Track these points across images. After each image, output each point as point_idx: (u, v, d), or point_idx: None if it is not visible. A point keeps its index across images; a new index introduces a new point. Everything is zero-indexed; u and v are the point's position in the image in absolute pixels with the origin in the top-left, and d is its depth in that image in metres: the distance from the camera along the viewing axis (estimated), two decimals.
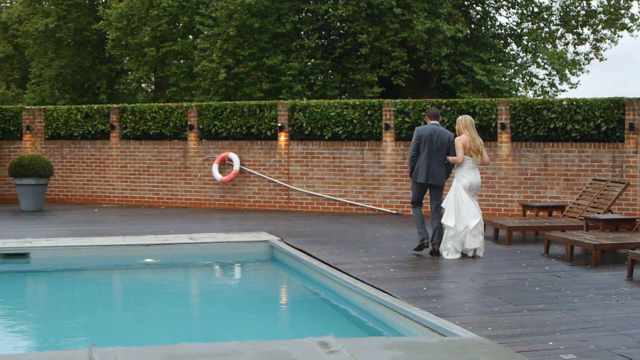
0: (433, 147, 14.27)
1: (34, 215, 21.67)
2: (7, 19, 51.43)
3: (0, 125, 25.07)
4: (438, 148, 14.27)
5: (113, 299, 13.60)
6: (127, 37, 39.24)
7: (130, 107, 24.49)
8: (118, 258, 15.65)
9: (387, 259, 13.90)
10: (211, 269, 16.03)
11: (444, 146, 14.29)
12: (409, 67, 33.46)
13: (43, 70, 47.79)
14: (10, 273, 15.06)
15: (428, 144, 14.28)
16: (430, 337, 8.92)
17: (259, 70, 33.60)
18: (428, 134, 14.33)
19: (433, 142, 14.27)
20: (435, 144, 14.27)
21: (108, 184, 24.46)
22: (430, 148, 14.27)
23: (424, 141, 14.31)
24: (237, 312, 12.30)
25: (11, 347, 10.23)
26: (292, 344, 7.83)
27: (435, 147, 14.26)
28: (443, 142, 14.29)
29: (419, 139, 14.35)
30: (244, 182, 22.86)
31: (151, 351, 7.53)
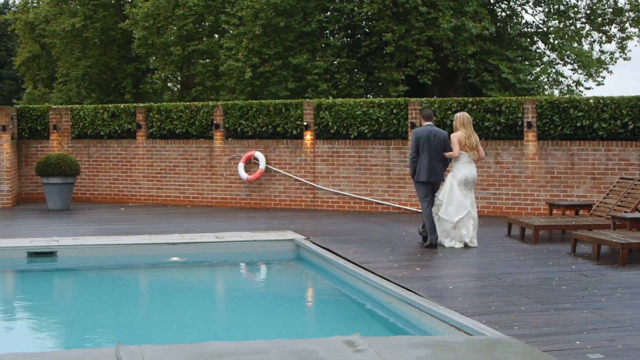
0: (431, 147, 15.12)
1: (61, 214, 21.76)
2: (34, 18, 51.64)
3: (27, 124, 25.18)
4: (436, 147, 15.14)
5: (139, 298, 13.64)
6: (153, 37, 39.36)
7: (157, 106, 24.55)
8: (144, 257, 15.69)
9: (413, 258, 13.89)
10: (237, 268, 16.04)
11: (441, 145, 15.19)
12: (435, 65, 33.40)
13: (70, 70, 48.00)
14: (37, 271, 15.13)
15: (426, 145, 15.13)
16: (456, 336, 8.90)
17: (284, 69, 33.63)
18: (425, 135, 15.18)
19: (430, 142, 15.14)
20: (432, 144, 15.13)
21: (134, 182, 24.53)
22: (429, 148, 15.12)
23: (422, 142, 15.16)
24: (263, 310, 12.30)
25: (39, 345, 10.28)
26: (319, 343, 7.83)
27: (433, 146, 15.13)
28: (439, 141, 15.18)
29: (417, 141, 15.19)
30: (269, 181, 22.88)
31: (177, 349, 7.55)
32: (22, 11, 56.26)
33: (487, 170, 20.66)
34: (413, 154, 15.23)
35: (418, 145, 15.17)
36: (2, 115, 23.46)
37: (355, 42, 37.20)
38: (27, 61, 54.43)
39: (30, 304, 13.07)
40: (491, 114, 20.71)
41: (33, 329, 11.35)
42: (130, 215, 21.46)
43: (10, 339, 10.59)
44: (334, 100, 22.73)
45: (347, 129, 22.12)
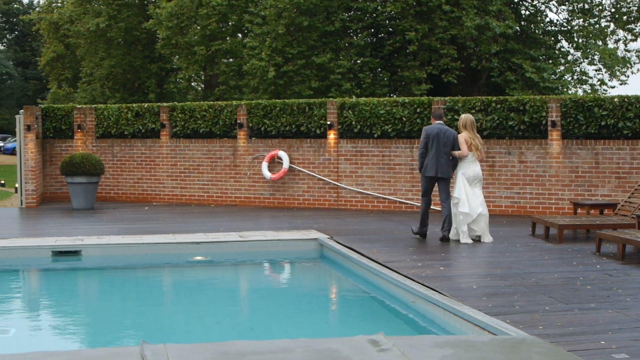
0: (440, 144, 15.82)
1: (85, 213, 21.84)
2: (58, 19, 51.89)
3: (52, 124, 25.29)
4: (445, 145, 15.83)
5: (163, 297, 13.68)
6: (176, 36, 39.47)
7: (180, 105, 24.61)
8: (168, 256, 15.74)
9: (437, 257, 13.87)
10: (261, 267, 16.06)
11: (450, 143, 15.86)
12: (459, 64, 33.36)
13: (94, 70, 48.21)
14: (62, 271, 15.19)
15: (436, 142, 15.83)
16: (480, 335, 8.88)
17: (307, 69, 33.66)
18: (435, 132, 15.87)
19: (440, 139, 15.81)
20: (442, 141, 15.82)
21: (158, 182, 24.60)
22: (438, 145, 15.82)
23: (432, 139, 15.85)
24: (286, 310, 12.32)
25: (64, 343, 10.33)
26: (343, 342, 7.83)
27: (442, 144, 15.82)
28: (449, 139, 15.86)
29: (427, 138, 15.90)
30: (293, 180, 22.90)
31: (202, 348, 7.56)
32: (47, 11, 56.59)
33: (511, 169, 20.61)
34: (422, 150, 15.96)
35: (428, 142, 15.89)
36: (27, 115, 23.58)
37: (379, 41, 37.21)
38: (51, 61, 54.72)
39: (55, 302, 13.13)
40: (515, 113, 20.65)
41: (58, 327, 11.40)
42: (154, 214, 21.52)
43: (35, 338, 10.64)
44: (357, 100, 22.72)
45: (370, 128, 22.11)
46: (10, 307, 12.82)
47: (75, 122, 25.10)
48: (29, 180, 23.40)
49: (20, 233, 18.10)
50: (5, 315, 12.09)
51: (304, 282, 14.92)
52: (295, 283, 14.98)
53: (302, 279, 15.44)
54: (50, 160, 25.16)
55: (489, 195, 20.73)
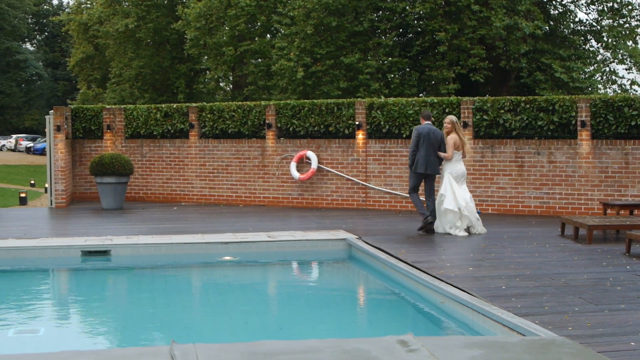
0: (430, 143, 17.01)
1: (114, 213, 21.94)
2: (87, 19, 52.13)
3: (81, 124, 25.40)
4: (433, 144, 17.03)
5: (192, 297, 13.71)
6: (205, 37, 39.56)
7: (209, 106, 24.66)
8: (197, 256, 15.77)
9: (466, 258, 13.84)
10: (289, 267, 16.07)
11: (438, 142, 17.07)
12: (488, 64, 33.27)
13: (123, 70, 48.39)
14: (91, 270, 15.26)
15: (426, 141, 17.02)
16: (510, 336, 8.85)
17: (336, 69, 33.67)
18: (426, 132, 17.09)
19: (430, 138, 17.02)
20: (431, 140, 17.01)
21: (187, 182, 24.67)
22: (428, 144, 17.01)
23: (423, 138, 17.04)
24: (315, 310, 12.32)
25: (94, 343, 10.37)
26: (372, 342, 7.82)
27: (432, 143, 17.02)
28: (437, 139, 17.07)
29: (419, 137, 17.07)
30: (321, 180, 22.90)
31: (231, 348, 7.57)
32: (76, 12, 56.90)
33: (540, 169, 20.54)
34: (414, 148, 17.10)
35: (419, 141, 17.06)
36: (57, 116, 23.70)
37: (407, 41, 37.18)
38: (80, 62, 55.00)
39: (84, 302, 13.19)
40: (544, 113, 20.57)
41: (88, 327, 11.45)
42: (183, 214, 21.58)
43: (65, 337, 10.69)
44: (385, 100, 22.71)
45: (399, 128, 22.09)
46: (40, 307, 12.89)
47: (104, 123, 25.21)
48: (58, 180, 23.52)
49: (50, 233, 18.21)
50: (36, 315, 12.16)
51: (332, 282, 14.92)
52: (323, 283, 14.98)
53: (330, 279, 15.43)
54: (79, 161, 25.27)
55: (517, 195, 20.69)
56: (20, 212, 23.57)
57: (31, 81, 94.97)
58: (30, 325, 11.38)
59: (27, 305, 12.80)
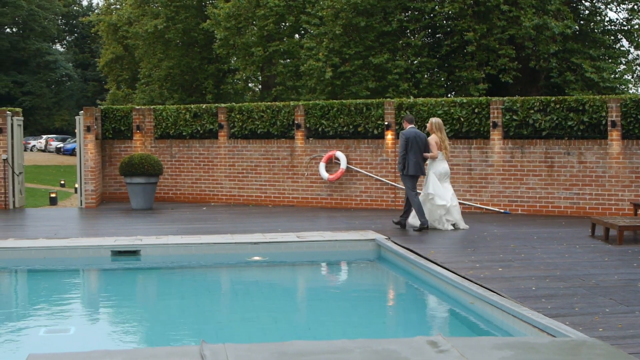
0: (418, 145, 17.62)
1: (144, 213, 22.01)
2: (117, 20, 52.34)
3: (111, 125, 25.51)
4: (420, 146, 17.65)
5: (222, 297, 13.73)
6: (234, 37, 39.62)
7: (238, 106, 24.70)
8: (226, 256, 15.81)
9: (495, 258, 13.79)
10: (318, 268, 16.08)
11: (423, 144, 17.73)
12: (517, 64, 33.15)
13: (152, 71, 48.55)
14: (121, 270, 15.32)
15: (414, 144, 17.62)
16: (540, 337, 8.82)
17: (365, 69, 33.64)
18: (413, 136, 17.66)
19: (417, 141, 17.64)
20: (419, 143, 17.64)
21: (216, 182, 24.72)
22: (417, 147, 17.61)
23: (411, 142, 17.61)
24: (344, 310, 12.32)
25: (124, 342, 10.41)
26: (401, 343, 7.81)
27: (419, 145, 17.63)
28: (423, 141, 17.74)
29: (407, 141, 17.61)
30: (350, 180, 22.89)
31: (261, 348, 7.58)
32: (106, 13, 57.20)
33: (570, 169, 20.44)
34: (404, 152, 17.62)
35: (407, 145, 17.58)
36: (87, 116, 23.81)
37: (436, 41, 37.11)
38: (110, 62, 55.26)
39: (114, 302, 13.24)
40: (574, 113, 20.47)
41: (118, 326, 11.50)
42: (212, 214, 21.63)
43: (95, 337, 10.74)
44: (414, 100, 22.67)
45: None
46: (70, 306, 12.96)
47: (134, 123, 25.30)
48: (88, 180, 23.63)
49: (80, 233, 18.30)
50: (66, 314, 12.23)
51: (361, 283, 14.91)
52: (352, 283, 14.97)
53: (359, 279, 15.42)
54: (109, 161, 25.38)
55: (547, 195, 20.60)
56: (50, 212, 23.69)
57: (61, 82, 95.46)
58: (60, 325, 11.44)
59: (57, 305, 12.88)
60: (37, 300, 13.27)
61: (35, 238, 16.73)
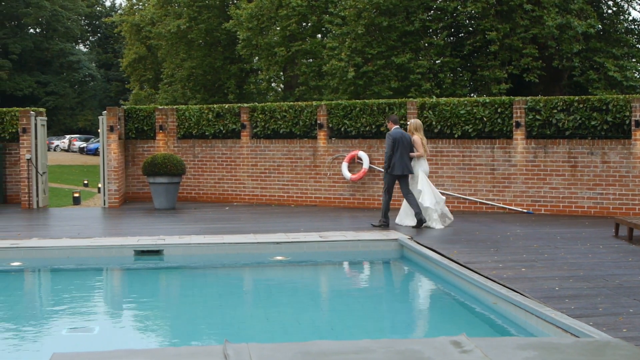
0: (404, 145, 18.16)
1: (166, 213, 22.07)
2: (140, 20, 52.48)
3: (134, 124, 25.59)
4: (406, 146, 18.19)
5: (244, 296, 13.75)
6: (256, 37, 39.64)
7: (261, 106, 24.73)
8: (249, 256, 15.83)
9: (518, 258, 13.75)
10: (341, 267, 16.07)
11: (409, 144, 18.26)
12: (540, 63, 33.05)
13: (175, 71, 48.66)
14: (144, 270, 15.37)
15: (401, 144, 18.11)
16: (563, 337, 8.80)
17: (387, 69, 33.61)
18: (399, 136, 18.18)
19: (403, 142, 18.18)
20: (404, 143, 18.18)
21: (239, 182, 24.75)
22: (402, 147, 18.12)
23: (397, 142, 18.11)
24: (367, 310, 12.32)
25: (147, 341, 10.44)
26: (424, 343, 7.80)
27: (405, 145, 18.17)
28: (408, 142, 18.26)
29: (394, 141, 18.09)
30: (373, 180, 22.87)
31: (284, 348, 7.58)
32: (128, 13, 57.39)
33: (593, 169, 20.36)
34: (391, 152, 18.09)
35: (394, 145, 18.06)
36: (110, 116, 23.89)
37: (459, 40, 37.03)
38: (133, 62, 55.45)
39: (137, 301, 13.28)
40: (598, 112, 20.39)
41: (141, 326, 11.53)
42: (235, 214, 21.66)
43: (118, 336, 10.78)
44: (437, 100, 22.64)
45: (451, 128, 22.01)
46: (94, 306, 13.01)
47: (157, 123, 25.37)
48: (111, 180, 23.70)
49: (103, 232, 18.37)
50: (90, 314, 12.28)
51: (384, 283, 14.91)
52: (375, 283, 14.97)
53: (382, 279, 15.42)
54: (132, 161, 25.46)
55: (571, 195, 20.53)
56: (73, 211, 23.80)
57: (84, 82, 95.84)
58: (84, 324, 11.49)
59: (81, 304, 12.93)
60: (60, 299, 13.32)
61: (59, 238, 16.81)
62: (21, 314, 12.17)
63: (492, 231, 17.39)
